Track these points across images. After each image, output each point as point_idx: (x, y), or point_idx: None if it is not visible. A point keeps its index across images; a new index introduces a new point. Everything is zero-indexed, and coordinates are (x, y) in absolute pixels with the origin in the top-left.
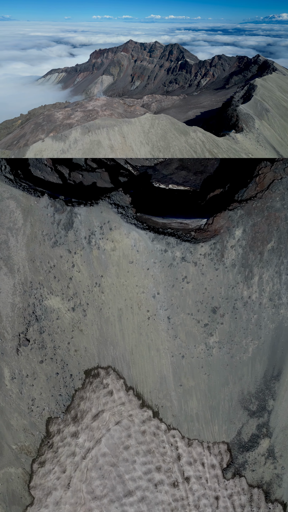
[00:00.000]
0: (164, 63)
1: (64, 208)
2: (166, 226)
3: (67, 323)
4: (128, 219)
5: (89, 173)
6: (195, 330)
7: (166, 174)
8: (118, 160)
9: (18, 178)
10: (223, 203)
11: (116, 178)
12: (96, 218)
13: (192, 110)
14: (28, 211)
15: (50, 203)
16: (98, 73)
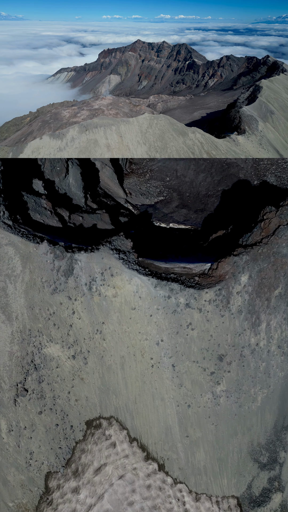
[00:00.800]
0: (171, 63)
1: (64, 254)
2: (169, 271)
3: (67, 371)
4: (130, 265)
5: (89, 215)
6: (201, 379)
7: (166, 213)
8: (118, 199)
9: (17, 224)
10: (226, 246)
11: (117, 218)
12: (97, 264)
13: (198, 111)
14: (27, 258)
15: (49, 249)
16: (106, 72)
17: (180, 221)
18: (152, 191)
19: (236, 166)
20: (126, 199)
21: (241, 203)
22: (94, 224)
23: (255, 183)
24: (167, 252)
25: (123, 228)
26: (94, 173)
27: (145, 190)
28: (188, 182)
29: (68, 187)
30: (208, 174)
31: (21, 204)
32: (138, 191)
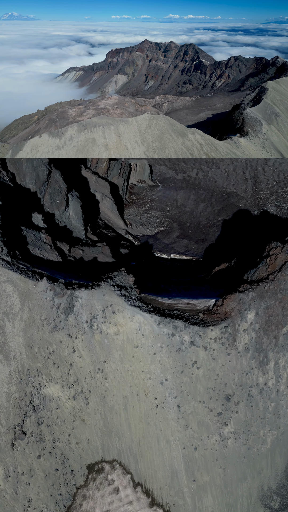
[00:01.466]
0: (178, 63)
1: (64, 291)
2: (172, 307)
3: (68, 412)
4: (132, 302)
5: (90, 247)
6: (207, 420)
7: (167, 243)
8: (118, 230)
9: (16, 260)
10: (231, 280)
11: (117, 250)
12: (98, 302)
13: (204, 112)
14: (26, 295)
15: (49, 286)
16: (113, 72)
17: (181, 251)
18: (153, 222)
19: (236, 195)
20: (127, 230)
21: (243, 234)
22: (95, 257)
23: (256, 212)
24: (169, 286)
25: (124, 260)
26: (94, 204)
27: (145, 221)
28: (188, 212)
29: (68, 220)
30: (208, 204)
31: (20, 239)
32: (138, 222)
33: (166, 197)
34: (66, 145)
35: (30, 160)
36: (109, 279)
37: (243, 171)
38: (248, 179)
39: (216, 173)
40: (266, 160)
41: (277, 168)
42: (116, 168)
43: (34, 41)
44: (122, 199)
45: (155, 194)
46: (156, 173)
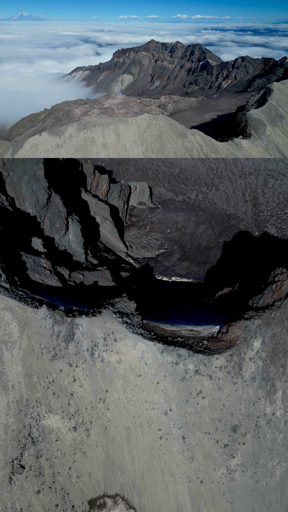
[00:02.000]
0: (184, 64)
1: (64, 319)
2: (175, 334)
3: (68, 445)
4: (134, 329)
5: (90, 272)
6: (214, 451)
7: (168, 266)
8: (118, 253)
9: (15, 286)
10: (234, 305)
11: (118, 273)
12: (99, 329)
13: (209, 113)
14: (25, 323)
15: (49, 314)
16: (120, 72)
17: (182, 274)
18: (153, 244)
19: (236, 217)
20: (127, 253)
21: (244, 256)
22: (96, 282)
23: (256, 234)
24: (172, 311)
25: (125, 284)
26: (94, 227)
27: (146, 243)
28: (189, 234)
29: (68, 244)
30: (208, 226)
31: (20, 264)
32: (139, 244)
33: (166, 219)
34: (65, 143)
35: (30, 184)
36: (110, 305)
37: (242, 193)
38: (248, 201)
39: (215, 195)
40: (265, 182)
41: (276, 190)
42: (116, 191)
43: (43, 41)
44: (122, 221)
45: (155, 216)
46: (156, 195)
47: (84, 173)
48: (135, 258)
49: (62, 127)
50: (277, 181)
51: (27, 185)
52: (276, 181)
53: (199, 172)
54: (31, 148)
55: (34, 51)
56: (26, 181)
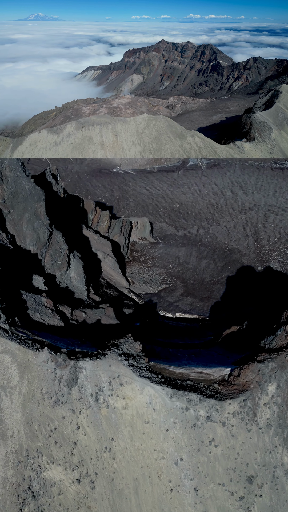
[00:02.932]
0: (195, 64)
1: (66, 362)
2: (184, 377)
3: (72, 498)
4: (141, 372)
5: (93, 309)
6: (228, 505)
7: (171, 302)
8: (121, 289)
9: (15, 328)
10: (244, 345)
11: (121, 310)
12: (104, 373)
13: (218, 115)
14: (26, 367)
15: (50, 357)
16: (130, 71)
17: (186, 310)
18: (156, 279)
19: (238, 252)
20: (130, 289)
21: (249, 292)
22: (98, 320)
23: (259, 269)
24: (178, 350)
25: (128, 321)
26: (96, 263)
27: (148, 278)
28: (191, 269)
29: (70, 281)
30: (211, 261)
31: (20, 304)
32: (141, 280)
33: (168, 254)
34: (63, 141)
35: (31, 222)
36: (115, 347)
37: (243, 227)
38: (249, 235)
39: (217, 229)
40: (266, 217)
41: (277, 225)
42: (117, 226)
43: (57, 41)
44: (124, 257)
45: (156, 251)
46: (157, 230)
47: (85, 209)
48: (138, 294)
49: (61, 125)
50: (277, 216)
51: (28, 223)
52: (277, 216)
53: (199, 207)
54: (30, 145)
55: (49, 51)
56: (27, 218)
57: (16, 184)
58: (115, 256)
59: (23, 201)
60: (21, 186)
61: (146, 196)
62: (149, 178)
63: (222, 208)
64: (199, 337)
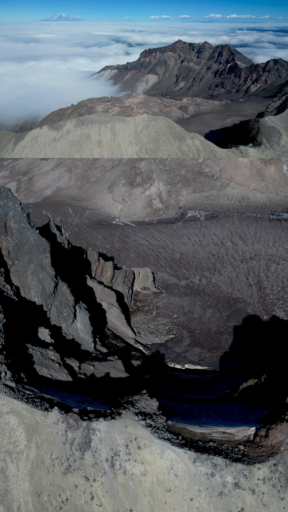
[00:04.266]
0: (212, 65)
1: (79, 423)
2: (206, 438)
3: None
4: (160, 433)
5: (101, 362)
6: None
7: (179, 352)
8: (127, 339)
9: (21, 385)
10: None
11: (129, 362)
12: (120, 435)
13: (232, 118)
14: (33, 429)
15: (61, 418)
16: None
17: (195, 361)
18: (161, 329)
19: (242, 301)
20: (136, 339)
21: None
22: (107, 373)
23: (265, 318)
24: (194, 406)
25: (137, 374)
26: (101, 314)
27: (153, 328)
28: (196, 319)
29: (76, 333)
30: (215, 310)
31: (26, 358)
32: (146, 330)
33: (172, 303)
34: (62, 138)
35: (36, 273)
36: (130, 405)
37: (246, 277)
38: (252, 284)
39: (219, 279)
40: (267, 267)
41: (279, 274)
42: (121, 277)
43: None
44: (128, 307)
45: (160, 301)
46: (159, 280)
47: (89, 260)
48: (145, 344)
49: (62, 122)
50: (278, 265)
51: (33, 274)
52: (278, 265)
53: (200, 257)
54: (31, 140)
55: (69, 50)
56: (32, 270)
57: (21, 236)
58: (119, 306)
59: (28, 252)
60: (26, 238)
61: (147, 247)
62: (149, 229)
63: (223, 258)
64: (213, 390)
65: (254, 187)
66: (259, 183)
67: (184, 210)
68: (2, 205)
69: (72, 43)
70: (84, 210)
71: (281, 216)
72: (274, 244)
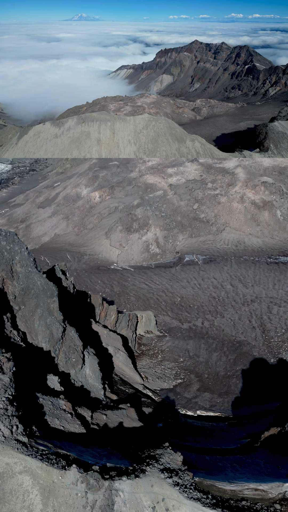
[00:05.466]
0: (228, 66)
1: (100, 483)
2: (237, 496)
3: None
4: (189, 492)
5: (113, 411)
6: None
7: (189, 398)
8: (135, 385)
9: (34, 439)
10: None
11: (140, 409)
12: (145, 495)
13: (246, 121)
14: (50, 491)
15: (80, 477)
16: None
17: (206, 407)
18: (168, 374)
19: (247, 343)
20: (144, 385)
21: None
22: (121, 422)
23: (272, 361)
24: (215, 458)
25: (150, 422)
26: (108, 359)
27: (160, 373)
28: (203, 362)
29: (85, 379)
30: (221, 353)
31: (37, 409)
32: (154, 375)
33: (177, 347)
34: (63, 134)
35: (43, 318)
36: (153, 460)
37: (248, 319)
38: (256, 327)
39: (222, 322)
40: (269, 309)
41: (282, 317)
42: (124, 321)
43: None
44: (133, 351)
45: (164, 345)
46: (161, 323)
47: (93, 304)
48: (153, 390)
49: (64, 119)
50: (280, 307)
51: (41, 319)
52: (280, 308)
53: (201, 300)
54: (34, 135)
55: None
56: (39, 314)
57: (28, 280)
58: (126, 351)
59: (35, 297)
60: (32, 282)
61: (146, 290)
62: (147, 273)
63: (224, 301)
64: (231, 439)
65: (250, 231)
66: (254, 227)
67: (182, 255)
68: (8, 250)
69: (91, 42)
70: (82, 255)
71: (279, 259)
72: (274, 286)
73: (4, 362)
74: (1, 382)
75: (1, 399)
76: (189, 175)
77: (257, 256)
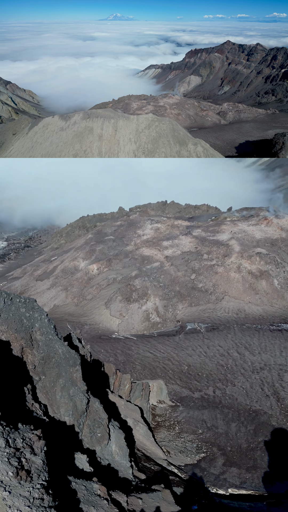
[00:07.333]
0: (263, 69)
1: None
2: None
3: None
4: None
5: (148, 494)
6: None
7: (216, 474)
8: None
9: None
10: None
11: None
12: None
13: (275, 130)
14: None
15: None
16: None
17: (237, 484)
18: (189, 447)
19: (264, 413)
20: (168, 461)
21: None
22: (157, 507)
23: None
24: None
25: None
26: (128, 432)
27: (181, 447)
28: (223, 434)
29: (112, 456)
30: (239, 424)
31: (70, 495)
32: (175, 448)
33: (192, 417)
34: (68, 128)
35: (66, 389)
36: None
37: (261, 387)
38: (269, 395)
39: (234, 390)
40: (280, 376)
41: None
42: (138, 390)
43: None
44: (149, 423)
45: (179, 415)
46: (171, 392)
47: (106, 373)
48: (178, 466)
49: (71, 113)
50: None
51: (63, 390)
52: None
53: (209, 368)
54: (43, 127)
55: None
56: (61, 385)
57: (48, 348)
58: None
59: (56, 366)
60: (53, 350)
61: (152, 359)
62: (151, 342)
63: (233, 369)
64: None
65: (249, 300)
66: (253, 296)
67: (183, 323)
68: (28, 317)
69: (123, 41)
70: (82, 325)
71: (281, 326)
72: (281, 353)
73: (34, 441)
74: (34, 465)
75: (35, 486)
76: (184, 247)
77: (259, 324)
